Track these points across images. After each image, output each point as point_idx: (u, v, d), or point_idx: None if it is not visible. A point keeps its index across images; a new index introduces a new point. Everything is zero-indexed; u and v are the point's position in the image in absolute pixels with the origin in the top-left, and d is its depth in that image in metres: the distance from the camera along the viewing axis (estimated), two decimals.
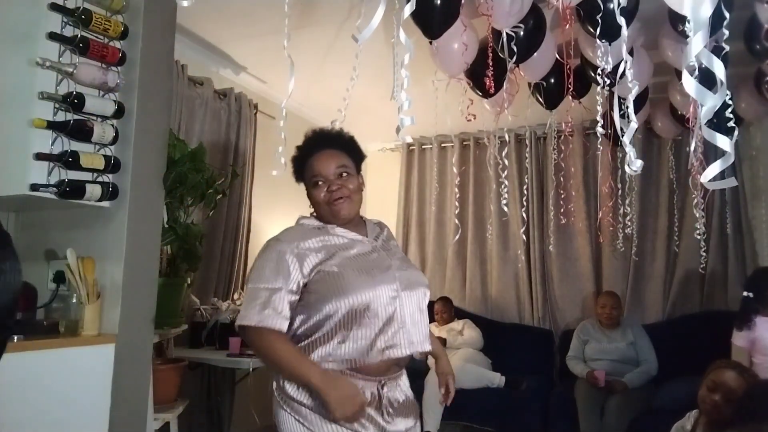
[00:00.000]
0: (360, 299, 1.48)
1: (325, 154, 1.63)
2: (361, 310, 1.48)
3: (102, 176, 2.05)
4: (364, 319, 1.48)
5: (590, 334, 3.87)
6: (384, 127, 2.64)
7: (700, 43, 0.95)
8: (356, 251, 1.57)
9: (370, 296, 1.49)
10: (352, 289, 1.48)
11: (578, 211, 4.36)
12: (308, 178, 1.62)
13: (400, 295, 1.54)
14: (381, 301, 1.50)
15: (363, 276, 1.51)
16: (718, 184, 1.08)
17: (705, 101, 1.01)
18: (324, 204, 1.58)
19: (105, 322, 2.07)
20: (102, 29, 2.00)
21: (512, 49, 2.52)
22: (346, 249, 1.56)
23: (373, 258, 1.58)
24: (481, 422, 3.72)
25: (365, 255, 1.58)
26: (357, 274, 1.51)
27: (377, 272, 1.54)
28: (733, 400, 1.93)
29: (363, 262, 1.55)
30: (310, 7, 2.84)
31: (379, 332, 1.49)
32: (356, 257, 1.56)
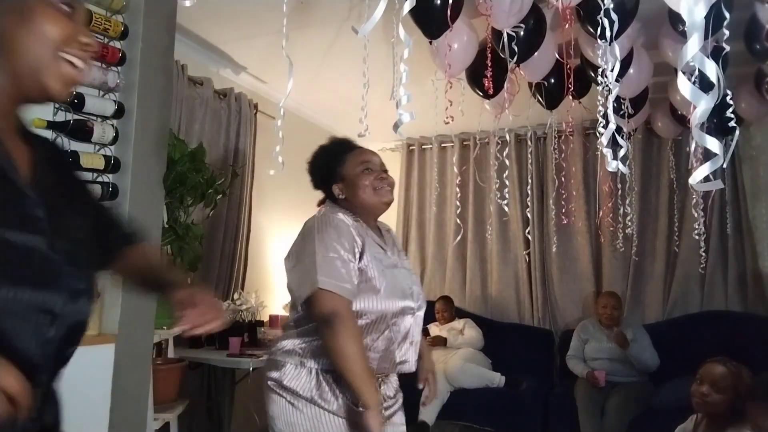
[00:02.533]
0: (393, 308, 1.53)
1: (369, 150, 1.73)
2: (389, 320, 1.53)
3: (102, 176, 2.05)
4: (388, 330, 1.53)
5: (590, 333, 3.87)
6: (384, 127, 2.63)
7: (695, 45, 0.96)
8: (387, 262, 1.60)
9: (400, 308, 1.55)
10: (387, 295, 1.52)
11: (578, 211, 4.36)
12: (353, 167, 1.65)
13: (417, 314, 1.62)
14: (405, 316, 1.57)
15: (396, 288, 1.56)
16: (705, 186, 1.09)
17: (699, 103, 1.01)
18: (371, 188, 1.62)
19: (105, 322, 2.07)
20: (102, 29, 2.00)
21: (512, 49, 2.52)
22: (380, 255, 1.59)
23: (400, 273, 1.63)
24: (481, 422, 3.72)
25: (393, 268, 1.62)
26: (392, 283, 1.55)
27: (405, 288, 1.60)
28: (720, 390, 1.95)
29: (394, 275, 1.59)
30: (309, 8, 2.84)
31: (397, 346, 1.55)
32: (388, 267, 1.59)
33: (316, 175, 1.74)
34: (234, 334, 3.07)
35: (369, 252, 1.54)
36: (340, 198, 1.66)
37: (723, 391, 1.95)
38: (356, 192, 1.63)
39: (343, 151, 1.69)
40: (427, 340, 4.15)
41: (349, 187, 1.64)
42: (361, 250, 1.52)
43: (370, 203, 1.63)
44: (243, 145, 3.74)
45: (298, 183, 2.00)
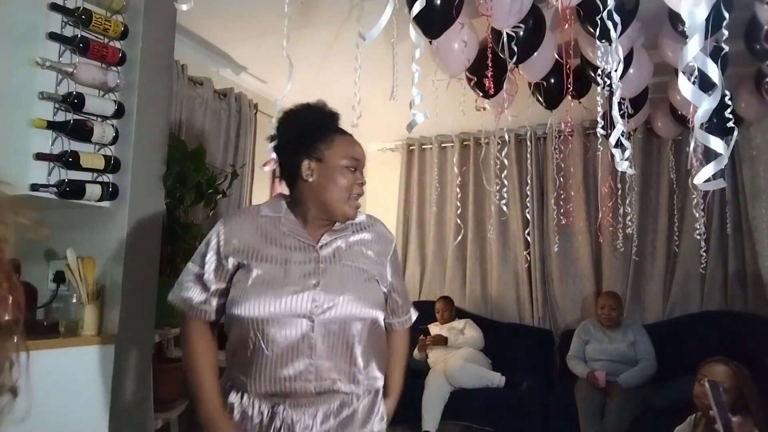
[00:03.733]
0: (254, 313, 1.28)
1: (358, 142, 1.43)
2: (255, 329, 1.28)
3: (102, 176, 2.05)
4: (259, 342, 1.28)
5: (591, 334, 3.87)
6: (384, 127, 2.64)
7: (696, 46, 0.96)
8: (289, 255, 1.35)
9: (268, 314, 1.27)
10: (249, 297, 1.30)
11: (578, 211, 4.36)
12: (339, 154, 1.36)
13: (317, 324, 1.29)
14: (285, 326, 1.28)
15: (271, 287, 1.29)
16: (708, 185, 1.09)
17: (700, 104, 1.01)
18: (346, 193, 1.35)
19: (105, 322, 2.07)
20: (102, 29, 2.00)
21: (512, 49, 2.52)
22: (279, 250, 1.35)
23: (302, 270, 1.33)
24: (481, 422, 3.72)
25: (296, 263, 1.34)
26: (264, 281, 1.30)
27: (291, 289, 1.30)
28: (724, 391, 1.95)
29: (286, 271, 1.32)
30: (309, 8, 2.84)
31: (278, 362, 1.27)
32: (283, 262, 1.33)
33: (289, 135, 1.42)
34: None
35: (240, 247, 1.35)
36: (306, 178, 1.36)
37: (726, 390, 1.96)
38: (328, 186, 1.35)
39: (333, 129, 1.41)
40: (428, 339, 4.16)
41: (322, 174, 1.35)
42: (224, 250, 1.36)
43: (334, 208, 1.36)
44: (243, 145, 3.74)
45: None
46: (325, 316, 1.30)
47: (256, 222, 1.40)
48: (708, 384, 1.87)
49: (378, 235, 1.50)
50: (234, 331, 1.35)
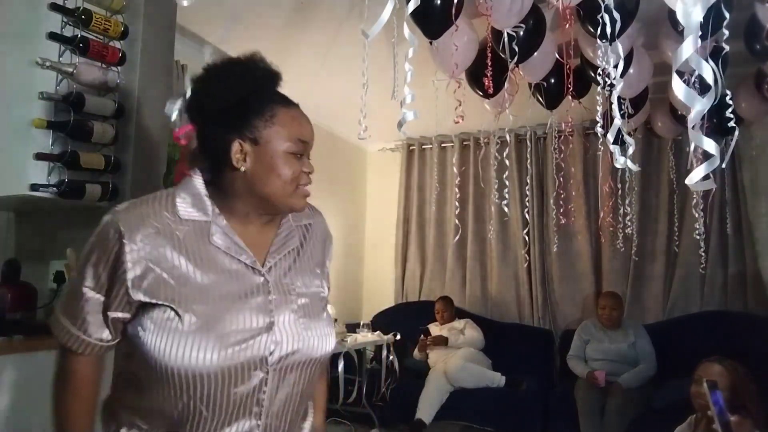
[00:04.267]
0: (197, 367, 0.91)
1: (306, 117, 1.10)
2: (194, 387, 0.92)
3: (102, 176, 2.05)
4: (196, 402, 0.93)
5: (592, 334, 3.87)
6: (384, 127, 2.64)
7: (690, 47, 0.96)
8: (231, 285, 0.99)
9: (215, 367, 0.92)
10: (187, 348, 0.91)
11: (578, 211, 4.36)
12: (281, 136, 1.02)
13: (273, 375, 0.98)
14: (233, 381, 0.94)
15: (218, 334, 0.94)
16: (699, 186, 1.09)
17: (694, 105, 1.01)
18: (291, 184, 1.02)
19: None
20: (102, 29, 2.00)
21: (512, 49, 2.52)
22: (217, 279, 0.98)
23: (251, 303, 0.99)
24: (481, 422, 3.72)
25: (242, 295, 0.98)
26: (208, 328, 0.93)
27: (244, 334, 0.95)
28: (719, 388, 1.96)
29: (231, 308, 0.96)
30: (309, 8, 2.84)
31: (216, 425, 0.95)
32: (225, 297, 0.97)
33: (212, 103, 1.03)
34: None
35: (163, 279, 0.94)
36: (235, 167, 1.00)
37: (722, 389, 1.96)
38: (267, 176, 1.01)
39: (272, 98, 1.07)
40: (428, 339, 4.16)
41: (258, 161, 1.00)
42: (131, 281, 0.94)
43: (278, 201, 1.03)
44: None
45: None
46: (282, 364, 0.98)
47: (174, 232, 0.97)
48: (706, 384, 1.88)
49: (321, 235, 1.19)
50: (152, 378, 0.94)
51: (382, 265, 5.27)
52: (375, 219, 5.46)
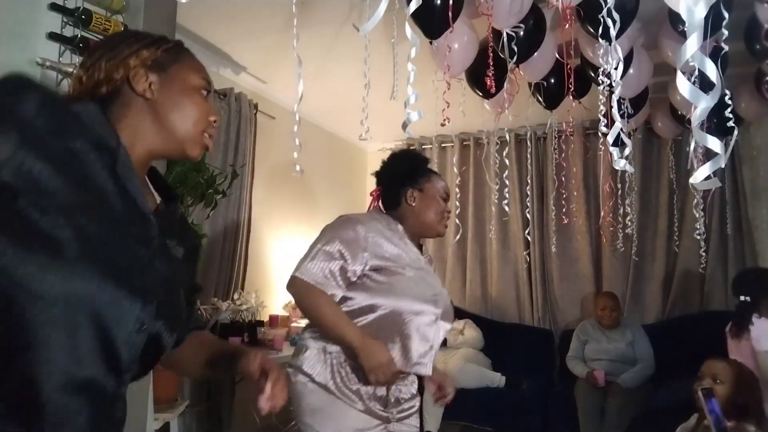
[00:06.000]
0: (407, 307, 1.59)
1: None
2: (405, 319, 1.59)
3: None
4: (404, 328, 1.59)
5: (590, 334, 3.87)
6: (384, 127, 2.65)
7: (694, 44, 0.96)
8: (420, 269, 1.69)
9: (419, 310, 1.60)
10: (406, 295, 1.60)
11: (578, 211, 4.36)
12: (439, 190, 1.77)
13: (438, 322, 1.67)
14: (424, 320, 1.62)
15: (417, 291, 1.62)
16: (704, 185, 1.09)
17: (698, 103, 1.01)
18: (440, 216, 1.75)
19: None
20: (102, 29, 1.99)
21: (512, 49, 2.52)
22: (414, 264, 1.67)
23: (429, 280, 1.70)
24: (481, 422, 3.72)
25: (425, 276, 1.69)
26: (414, 286, 1.62)
27: (429, 294, 1.65)
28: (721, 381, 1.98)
29: (422, 280, 1.66)
30: (309, 8, 2.84)
31: (415, 344, 1.60)
32: (419, 274, 1.66)
33: (396, 169, 1.81)
34: (234, 334, 3.08)
35: (388, 255, 1.62)
36: (408, 203, 1.75)
37: (724, 381, 1.98)
38: (427, 210, 1.74)
39: (430, 170, 1.82)
40: None
41: (423, 201, 1.75)
42: (371, 254, 1.60)
43: (431, 227, 1.76)
44: (243, 145, 3.74)
45: (298, 183, 2.00)
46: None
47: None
48: (701, 392, 1.89)
49: None
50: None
51: None
52: None
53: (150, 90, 0.92)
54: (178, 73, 0.95)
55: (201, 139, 0.97)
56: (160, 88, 0.92)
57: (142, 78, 0.91)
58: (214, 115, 0.99)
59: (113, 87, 0.91)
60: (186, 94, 0.95)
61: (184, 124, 0.94)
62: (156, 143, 0.93)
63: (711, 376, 2.02)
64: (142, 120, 0.92)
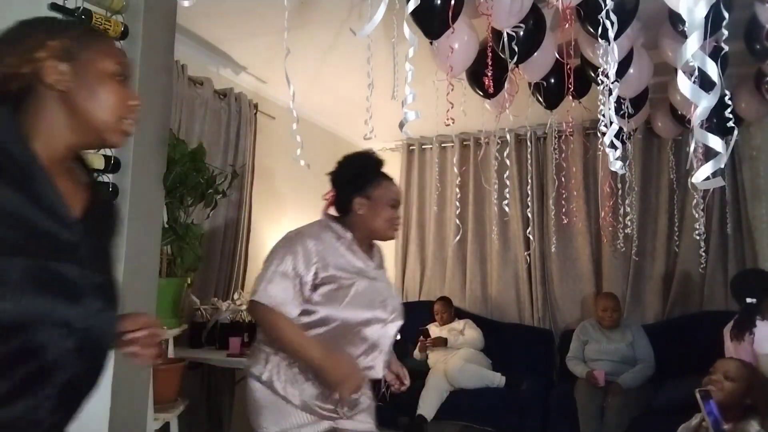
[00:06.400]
0: (357, 318, 1.64)
1: (399, 189, 1.86)
2: (354, 329, 1.65)
3: (102, 176, 2.05)
4: (354, 338, 1.65)
5: (590, 334, 3.87)
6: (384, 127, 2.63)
7: (695, 44, 0.96)
8: (366, 275, 1.72)
9: (368, 319, 1.66)
10: (353, 307, 1.64)
11: (578, 211, 4.36)
12: (386, 197, 1.76)
13: (388, 326, 1.72)
14: (374, 327, 1.67)
15: (366, 300, 1.67)
16: (707, 184, 1.09)
17: (699, 102, 1.01)
18: (389, 223, 1.76)
19: None
20: (102, 29, 1.99)
21: (512, 49, 2.52)
22: (359, 270, 1.71)
23: (378, 286, 1.74)
24: (481, 422, 3.72)
25: (373, 281, 1.73)
26: (362, 296, 1.66)
27: (378, 301, 1.70)
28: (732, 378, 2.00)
29: (371, 288, 1.70)
30: (309, 8, 2.84)
31: (363, 353, 1.66)
32: (365, 281, 1.70)
33: (345, 174, 1.81)
34: (234, 334, 3.07)
35: (337, 266, 1.66)
36: (357, 211, 1.74)
37: (735, 380, 1.98)
38: (375, 218, 1.74)
39: (381, 175, 1.80)
40: (428, 341, 4.16)
41: (371, 209, 1.74)
42: (321, 265, 1.63)
43: (381, 234, 1.77)
44: (243, 145, 3.74)
45: (298, 183, 2.00)
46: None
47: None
48: (698, 394, 1.89)
49: None
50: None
51: None
52: None
53: (61, 81, 0.87)
54: (90, 60, 0.91)
55: (120, 126, 0.94)
56: (72, 78, 0.88)
57: (51, 69, 0.87)
58: (132, 99, 0.95)
59: (24, 83, 0.87)
60: (100, 81, 0.91)
61: (101, 113, 0.90)
62: (74, 137, 0.90)
63: (723, 373, 2.03)
64: (57, 114, 0.88)
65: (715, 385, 2.01)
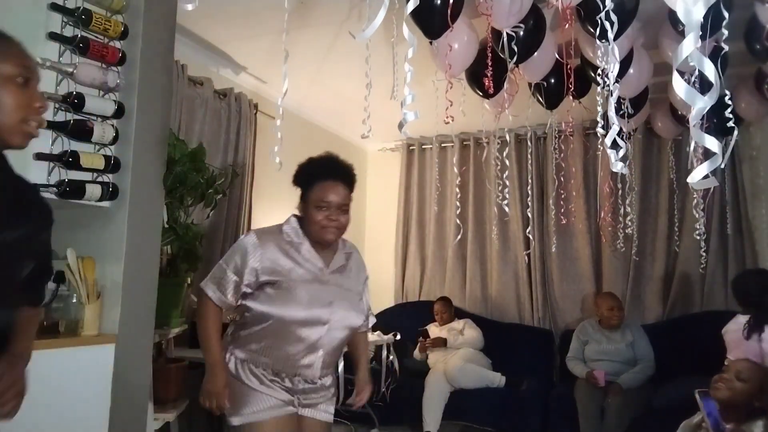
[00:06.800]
0: (292, 317, 1.72)
1: (338, 187, 1.80)
2: (289, 328, 1.72)
3: (102, 176, 2.05)
4: (290, 336, 1.73)
5: (590, 334, 3.87)
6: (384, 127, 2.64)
7: (692, 44, 0.96)
8: (312, 279, 1.78)
9: (302, 319, 1.72)
10: (289, 307, 1.72)
11: (578, 211, 4.36)
12: (314, 198, 1.77)
13: (330, 331, 1.77)
14: (313, 329, 1.74)
15: (304, 301, 1.73)
16: (702, 184, 1.09)
17: (694, 103, 1.01)
18: (318, 225, 1.76)
19: (105, 322, 2.07)
20: (102, 29, 2.00)
21: (512, 49, 2.52)
22: (304, 272, 1.77)
23: (321, 289, 1.78)
24: (481, 422, 3.72)
25: (318, 285, 1.78)
26: (300, 297, 1.73)
27: (317, 305, 1.75)
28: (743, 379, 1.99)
29: (312, 291, 1.76)
30: (309, 8, 2.84)
31: (298, 353, 1.74)
32: (310, 284, 1.77)
33: (295, 180, 1.89)
34: None
35: (276, 269, 1.74)
36: (301, 214, 1.83)
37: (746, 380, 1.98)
38: (309, 221, 1.79)
39: (316, 177, 1.80)
40: (427, 341, 4.16)
41: (307, 212, 1.80)
42: (261, 267, 1.74)
43: (315, 236, 1.79)
44: (243, 145, 3.74)
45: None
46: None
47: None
48: (698, 394, 1.89)
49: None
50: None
51: (382, 265, 5.27)
52: (375, 219, 5.45)
53: None
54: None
55: (22, 129, 0.94)
56: None
57: None
58: (38, 101, 0.95)
59: None
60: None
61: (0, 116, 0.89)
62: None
63: (735, 373, 2.02)
64: None
65: (725, 384, 2.00)
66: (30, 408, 1.80)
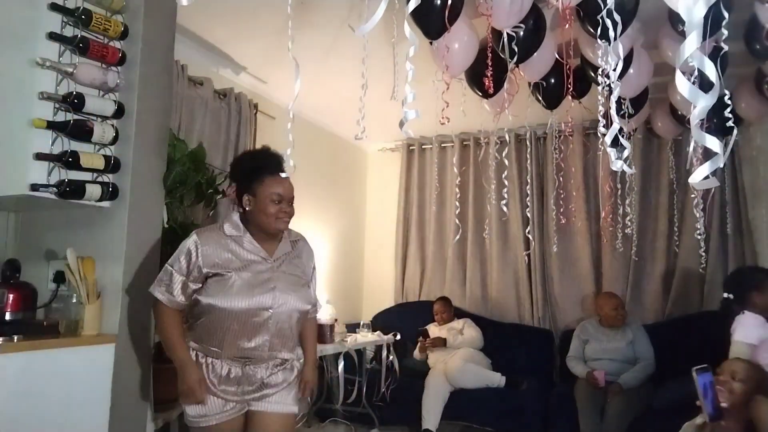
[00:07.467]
0: (236, 306, 1.81)
1: (287, 180, 1.92)
2: (234, 315, 1.81)
3: (102, 176, 2.05)
4: (233, 324, 1.82)
5: (590, 334, 3.87)
6: (384, 127, 2.65)
7: (694, 43, 0.96)
8: (254, 267, 1.87)
9: (244, 307, 1.82)
10: (233, 296, 1.81)
11: (578, 211, 4.36)
12: (268, 192, 1.86)
13: (273, 314, 1.86)
14: (254, 316, 1.83)
15: (245, 289, 1.83)
16: (703, 184, 1.09)
17: (697, 102, 1.01)
18: (273, 217, 1.86)
19: (105, 322, 2.07)
20: (102, 29, 2.00)
21: (512, 49, 2.52)
22: (246, 263, 1.87)
23: (263, 277, 1.88)
24: (481, 422, 3.72)
25: (259, 272, 1.87)
26: (241, 286, 1.83)
27: (259, 291, 1.85)
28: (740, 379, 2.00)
29: (253, 278, 1.86)
30: (309, 8, 2.84)
31: (244, 337, 1.84)
32: (252, 273, 1.86)
33: (235, 174, 1.97)
34: None
35: (218, 262, 1.84)
36: (246, 207, 1.89)
37: (742, 380, 1.98)
38: (260, 213, 1.87)
39: (265, 171, 1.88)
40: (427, 341, 4.16)
41: (255, 205, 1.87)
42: (204, 262, 1.83)
43: (267, 227, 1.88)
44: (243, 145, 3.74)
45: (297, 182, 2.00)
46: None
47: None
48: (694, 372, 1.89)
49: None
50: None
51: (382, 265, 5.28)
52: (375, 219, 5.46)
53: None
54: None
55: None
56: None
57: None
58: None
59: None
60: None
61: None
62: None
63: (730, 373, 2.02)
64: None
65: (724, 386, 2.00)
66: (30, 408, 1.80)
